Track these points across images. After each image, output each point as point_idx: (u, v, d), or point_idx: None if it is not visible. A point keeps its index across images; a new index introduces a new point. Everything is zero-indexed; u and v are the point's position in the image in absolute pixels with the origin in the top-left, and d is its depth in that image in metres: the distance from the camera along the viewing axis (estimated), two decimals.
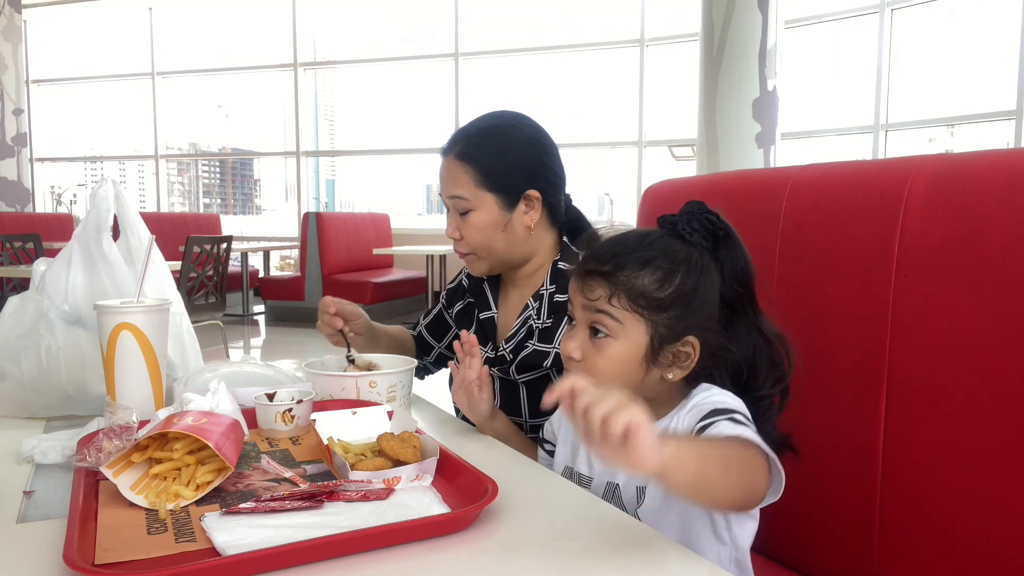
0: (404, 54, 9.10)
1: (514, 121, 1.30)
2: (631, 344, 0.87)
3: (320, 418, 0.94)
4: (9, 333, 1.12)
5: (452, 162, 1.26)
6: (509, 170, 1.25)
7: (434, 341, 1.48)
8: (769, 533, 1.11)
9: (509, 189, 1.25)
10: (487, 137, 1.27)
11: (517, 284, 1.35)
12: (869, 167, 1.03)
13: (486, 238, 1.26)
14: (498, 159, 1.25)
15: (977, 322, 0.83)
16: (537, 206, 1.27)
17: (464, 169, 1.25)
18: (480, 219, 1.25)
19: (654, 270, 0.86)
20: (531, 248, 1.31)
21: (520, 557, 0.65)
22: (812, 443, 1.03)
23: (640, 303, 0.85)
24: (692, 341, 0.87)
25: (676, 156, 8.02)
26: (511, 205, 1.26)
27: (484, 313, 1.36)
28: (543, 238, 1.32)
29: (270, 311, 7.08)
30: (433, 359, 1.49)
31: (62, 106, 10.40)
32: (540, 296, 1.28)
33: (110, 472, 0.74)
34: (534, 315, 1.27)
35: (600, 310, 0.87)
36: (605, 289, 0.86)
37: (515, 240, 1.28)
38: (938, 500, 0.87)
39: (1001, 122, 5.69)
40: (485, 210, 1.25)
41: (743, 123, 5.44)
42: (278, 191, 11.15)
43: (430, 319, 1.49)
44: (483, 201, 1.25)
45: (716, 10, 5.44)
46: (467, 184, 1.25)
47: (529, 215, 1.27)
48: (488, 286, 1.38)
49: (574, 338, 0.90)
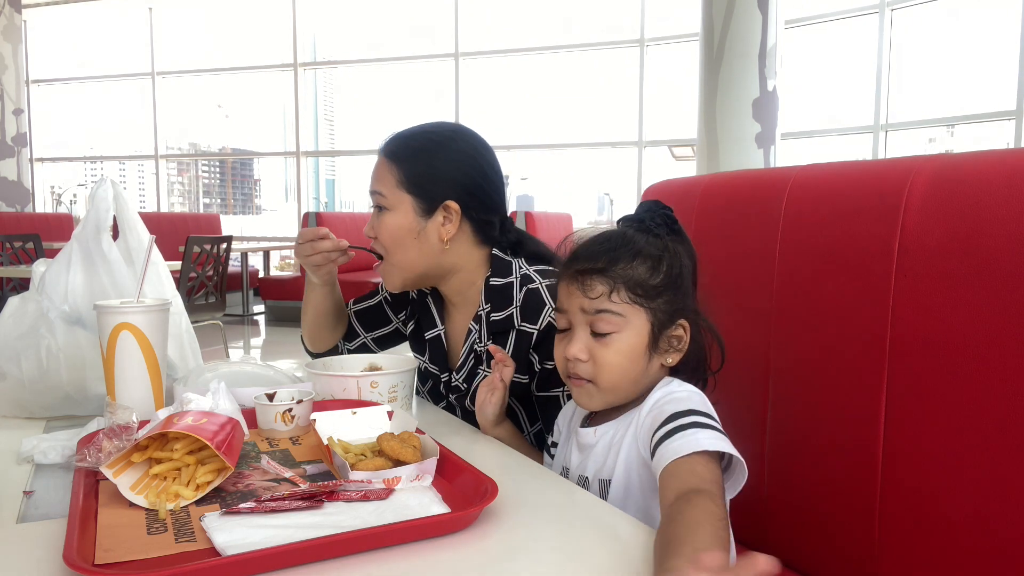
0: (404, 54, 9.11)
1: (452, 133, 1.27)
2: (635, 335, 0.89)
3: (320, 418, 0.94)
4: (9, 333, 1.12)
5: (381, 159, 1.26)
6: (433, 177, 1.23)
7: (361, 329, 1.45)
8: (769, 533, 1.11)
9: (427, 195, 1.22)
10: (419, 141, 1.25)
11: (455, 302, 1.31)
12: (869, 167, 1.03)
13: (396, 241, 1.24)
14: (424, 164, 1.23)
15: (977, 322, 0.83)
16: (455, 219, 1.23)
17: (389, 168, 1.24)
18: (394, 220, 1.23)
19: (644, 259, 0.90)
20: (450, 262, 1.26)
21: (520, 557, 0.65)
22: (812, 443, 1.03)
23: (638, 292, 0.89)
24: (683, 324, 0.92)
25: (676, 156, 8.02)
26: (427, 212, 1.23)
27: (430, 332, 1.33)
28: (466, 255, 1.27)
29: (270, 311, 7.08)
30: (355, 347, 1.46)
31: (62, 106, 10.41)
32: (479, 318, 1.25)
33: (110, 472, 0.74)
34: (477, 338, 1.25)
35: (601, 309, 0.89)
36: (605, 285, 0.89)
37: (427, 250, 1.24)
38: (938, 500, 0.87)
39: (1001, 122, 5.69)
40: (401, 212, 1.23)
41: (743, 123, 5.44)
42: (278, 191, 11.16)
43: (363, 307, 1.45)
44: (400, 202, 1.23)
45: (716, 10, 5.44)
46: (389, 183, 1.23)
47: (446, 227, 1.23)
48: (432, 301, 1.35)
49: (576, 341, 0.91)
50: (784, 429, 1.08)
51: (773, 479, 1.09)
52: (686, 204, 1.29)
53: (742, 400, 1.12)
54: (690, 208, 1.28)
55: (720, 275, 1.16)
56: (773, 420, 1.09)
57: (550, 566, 0.64)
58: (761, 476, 1.11)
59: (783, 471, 1.08)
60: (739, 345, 1.08)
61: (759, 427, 1.11)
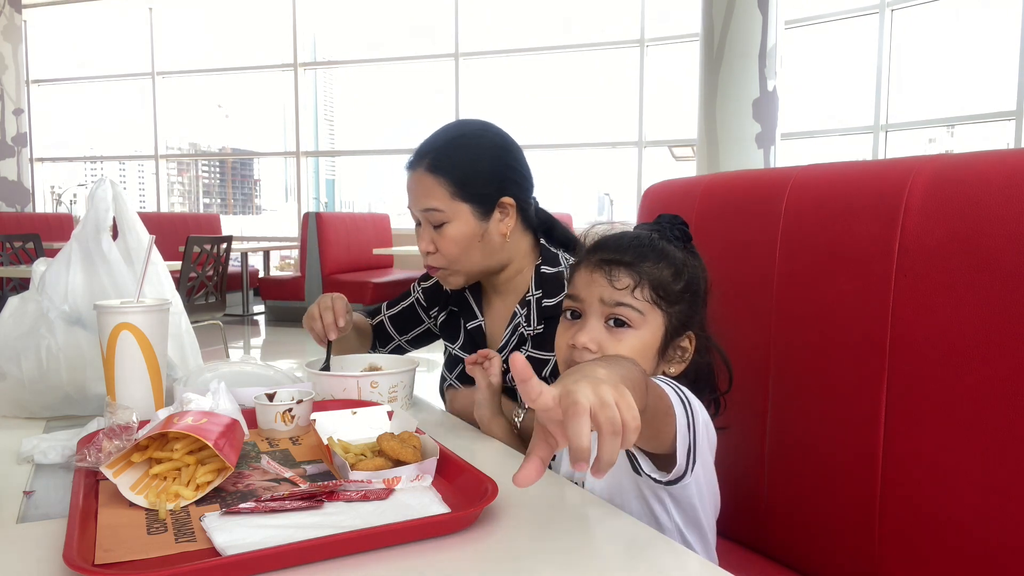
0: (404, 54, 9.10)
1: (480, 129, 1.29)
2: (650, 335, 0.89)
3: (320, 418, 0.94)
4: (9, 333, 1.12)
5: (423, 175, 1.24)
6: (481, 179, 1.24)
7: (396, 333, 1.47)
8: (769, 532, 1.11)
9: (483, 198, 1.24)
10: (456, 147, 1.25)
11: (499, 291, 1.34)
12: (869, 167, 1.03)
13: (463, 250, 1.24)
14: (470, 168, 1.23)
15: (977, 322, 0.83)
16: (512, 212, 1.26)
17: (437, 181, 1.22)
18: (457, 231, 1.23)
19: (669, 264, 0.90)
20: (507, 255, 1.29)
21: (520, 557, 0.65)
22: (812, 443, 1.03)
23: (660, 294, 0.89)
24: (690, 336, 0.91)
25: (676, 156, 8.02)
26: (486, 214, 1.24)
27: (471, 323, 1.35)
28: (519, 243, 1.30)
29: (270, 311, 7.08)
30: (390, 351, 1.48)
31: (62, 106, 10.40)
32: (527, 302, 1.27)
33: (110, 472, 0.74)
34: (523, 322, 1.26)
35: (622, 302, 0.88)
36: (631, 279, 0.88)
37: (492, 249, 1.26)
38: (938, 500, 0.87)
39: (1001, 122, 5.69)
40: (462, 221, 1.23)
41: (743, 123, 5.44)
42: (278, 191, 11.16)
43: (397, 311, 1.47)
44: (459, 212, 1.23)
45: (716, 10, 5.44)
46: (441, 196, 1.22)
47: (504, 222, 1.26)
48: (470, 294, 1.37)
49: (589, 331, 0.89)
50: (784, 429, 1.08)
51: (773, 479, 1.09)
52: (686, 204, 1.29)
53: (742, 400, 1.12)
54: (690, 208, 1.28)
55: (720, 275, 1.16)
56: (773, 420, 1.09)
57: (550, 566, 0.64)
58: (761, 476, 1.11)
59: (783, 471, 1.08)
60: (739, 345, 1.08)
61: (759, 427, 1.11)
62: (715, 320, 0.98)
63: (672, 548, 0.68)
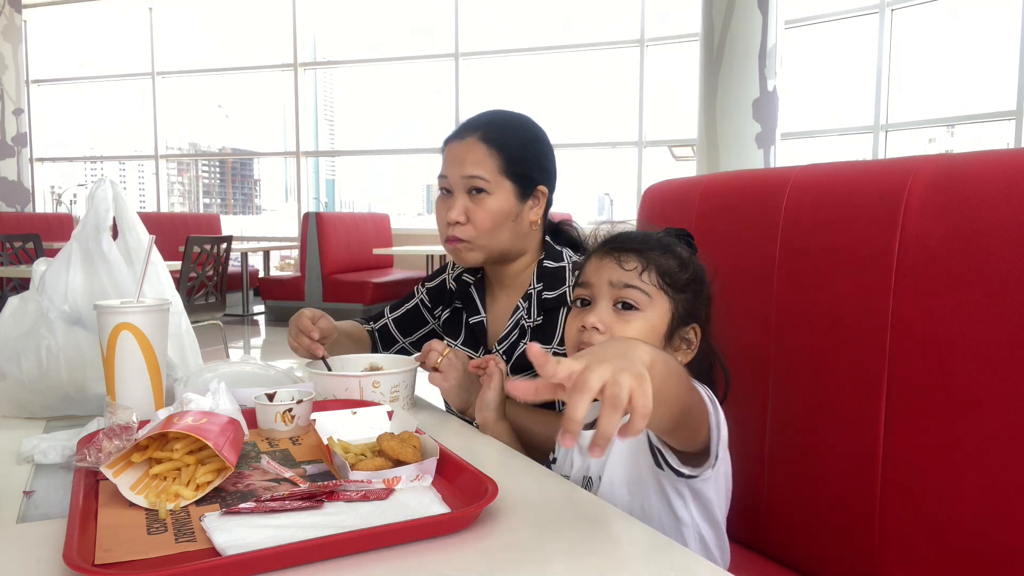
0: (404, 54, 9.10)
1: (531, 121, 1.34)
2: (657, 319, 0.92)
3: (320, 418, 0.94)
4: (9, 333, 1.12)
5: (475, 144, 1.27)
6: (528, 162, 1.28)
7: (400, 336, 1.48)
8: (769, 532, 1.11)
9: (526, 181, 1.28)
10: (513, 127, 1.30)
11: (505, 285, 1.36)
12: (869, 167, 1.03)
13: (496, 225, 1.27)
14: (522, 150, 1.28)
15: (977, 322, 0.83)
16: (543, 202, 1.31)
17: (489, 152, 1.26)
18: (496, 204, 1.26)
19: (675, 256, 0.94)
20: (526, 244, 1.33)
21: (520, 557, 0.65)
22: (812, 443, 1.03)
23: (666, 279, 0.92)
24: (695, 328, 0.94)
25: (676, 156, 8.02)
26: (524, 197, 1.29)
27: (473, 318, 1.37)
28: (535, 236, 1.34)
29: (270, 311, 7.08)
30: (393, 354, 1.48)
31: (62, 106, 10.40)
32: (529, 296, 1.29)
33: (110, 472, 0.74)
34: (525, 315, 1.29)
35: (629, 284, 0.91)
36: (639, 262, 0.92)
37: (519, 233, 1.30)
38: (938, 500, 0.87)
39: (1001, 122, 5.69)
40: (502, 197, 1.27)
41: (743, 123, 5.44)
42: (278, 191, 11.16)
43: (401, 313, 1.48)
44: (502, 187, 1.26)
45: (716, 10, 5.44)
46: (490, 168, 1.26)
47: (535, 210, 1.30)
48: (475, 290, 1.39)
49: (597, 312, 0.92)
50: (784, 429, 1.08)
51: (773, 479, 1.09)
52: (686, 204, 1.29)
53: (742, 400, 1.12)
54: (690, 208, 1.28)
55: (720, 275, 1.16)
56: (773, 420, 1.09)
57: (551, 566, 0.64)
58: (761, 476, 1.11)
59: (783, 471, 1.08)
60: (739, 345, 1.08)
61: (759, 427, 1.11)
62: (715, 320, 0.98)
63: (673, 548, 0.68)
